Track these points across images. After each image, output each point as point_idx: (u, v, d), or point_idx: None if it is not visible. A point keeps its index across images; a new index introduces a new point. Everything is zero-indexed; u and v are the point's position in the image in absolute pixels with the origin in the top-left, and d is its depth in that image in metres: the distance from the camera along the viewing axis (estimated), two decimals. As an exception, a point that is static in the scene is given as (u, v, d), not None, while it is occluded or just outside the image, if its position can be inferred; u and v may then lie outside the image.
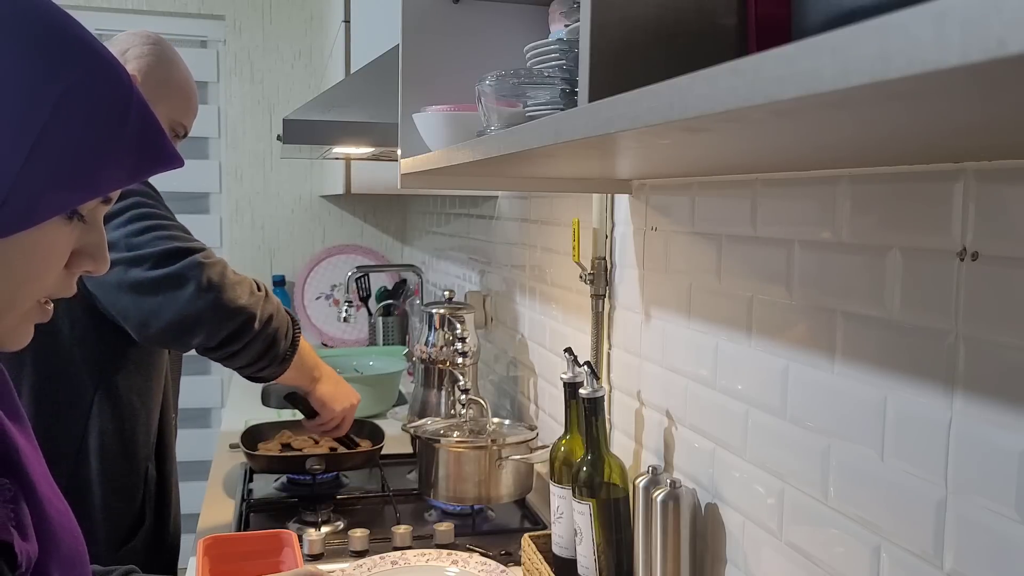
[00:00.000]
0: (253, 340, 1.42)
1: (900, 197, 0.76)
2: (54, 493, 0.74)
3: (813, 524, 0.90)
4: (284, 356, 1.49)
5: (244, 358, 1.44)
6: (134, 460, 1.53)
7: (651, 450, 1.29)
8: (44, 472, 0.74)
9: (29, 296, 0.66)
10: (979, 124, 0.45)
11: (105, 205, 0.68)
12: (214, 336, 1.39)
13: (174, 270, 1.35)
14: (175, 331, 1.37)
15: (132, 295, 1.36)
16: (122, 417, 1.50)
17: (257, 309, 1.42)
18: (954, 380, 0.70)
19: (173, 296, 1.35)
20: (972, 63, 0.25)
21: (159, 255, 1.35)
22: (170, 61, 1.57)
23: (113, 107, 0.63)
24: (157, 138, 0.66)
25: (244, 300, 1.40)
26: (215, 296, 1.36)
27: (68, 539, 0.73)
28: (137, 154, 0.65)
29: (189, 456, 3.40)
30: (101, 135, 0.62)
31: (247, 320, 1.40)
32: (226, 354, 1.43)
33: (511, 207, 2.02)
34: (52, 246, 0.65)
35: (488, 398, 1.95)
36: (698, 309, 1.13)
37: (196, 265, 1.36)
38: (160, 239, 1.37)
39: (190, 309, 1.35)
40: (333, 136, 1.83)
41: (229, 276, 1.40)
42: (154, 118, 0.65)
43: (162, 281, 1.35)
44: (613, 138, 0.58)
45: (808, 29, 0.49)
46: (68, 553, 0.72)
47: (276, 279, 3.56)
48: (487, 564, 1.38)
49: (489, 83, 0.92)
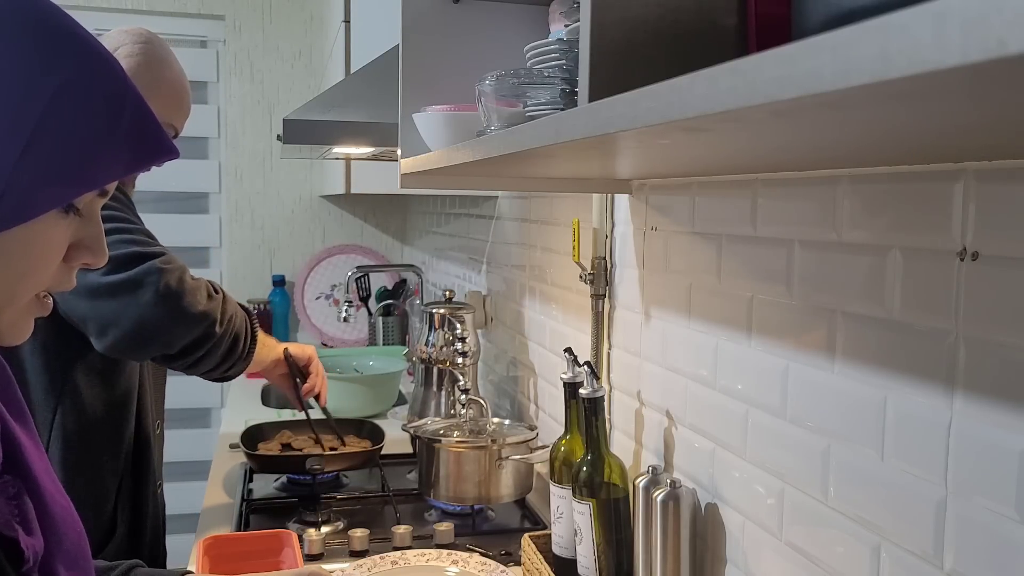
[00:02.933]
0: (216, 345, 1.41)
1: (900, 197, 0.76)
2: (57, 489, 0.74)
3: (813, 524, 0.90)
4: (247, 352, 1.50)
5: (208, 363, 1.43)
6: (100, 471, 1.50)
7: (651, 450, 1.29)
8: (47, 468, 0.75)
9: (28, 290, 0.66)
10: (979, 124, 0.45)
11: (102, 198, 0.69)
12: (175, 343, 1.37)
13: (132, 275, 1.33)
14: (133, 338, 1.34)
15: (89, 299, 1.34)
16: (86, 428, 1.47)
17: (217, 313, 1.40)
18: (954, 380, 0.70)
19: (130, 301, 1.32)
20: (972, 63, 0.25)
21: (118, 259, 1.32)
22: (161, 60, 1.53)
23: (108, 101, 0.63)
24: (153, 131, 0.66)
25: (203, 305, 1.38)
26: (174, 303, 1.34)
27: (71, 534, 0.73)
28: (134, 147, 0.65)
29: (189, 456, 3.40)
30: (97, 129, 0.62)
31: (209, 326, 1.38)
32: (189, 361, 1.41)
33: (511, 207, 2.03)
34: (49, 240, 0.65)
35: (488, 398, 1.95)
36: (698, 309, 1.13)
37: (155, 270, 1.33)
38: (120, 243, 1.34)
39: (148, 315, 1.33)
40: (333, 136, 1.82)
41: (188, 282, 1.37)
42: (149, 111, 0.66)
43: (119, 286, 1.32)
44: (613, 138, 0.58)
45: (808, 29, 0.49)
46: (72, 548, 0.72)
47: (276, 279, 3.56)
48: (487, 564, 1.38)
49: (489, 83, 0.92)
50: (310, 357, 1.74)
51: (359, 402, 2.35)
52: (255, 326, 1.54)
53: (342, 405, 2.34)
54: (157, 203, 3.49)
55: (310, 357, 1.74)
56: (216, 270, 3.66)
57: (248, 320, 1.52)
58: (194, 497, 2.52)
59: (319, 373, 1.75)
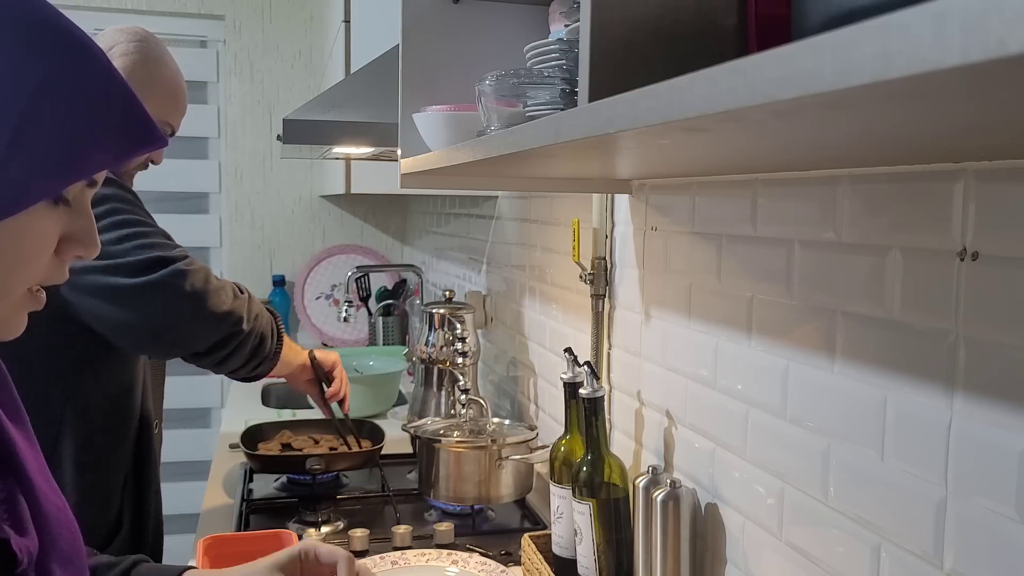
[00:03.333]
0: (243, 343, 1.43)
1: (900, 197, 0.76)
2: (51, 489, 0.74)
3: (813, 524, 0.90)
4: (274, 352, 1.51)
5: (236, 361, 1.45)
6: (107, 470, 1.51)
7: (651, 450, 1.29)
8: (42, 468, 0.75)
9: (20, 284, 0.66)
10: (979, 124, 0.45)
11: (91, 188, 0.69)
12: (203, 342, 1.38)
13: (157, 278, 1.33)
14: (158, 339, 1.36)
15: (111, 304, 1.34)
16: (93, 427, 1.48)
17: (243, 311, 1.42)
18: (954, 380, 0.70)
19: (157, 304, 1.33)
20: (972, 63, 0.25)
21: (139, 264, 1.33)
22: (157, 58, 1.53)
23: (96, 91, 0.63)
24: (141, 119, 0.66)
25: (229, 305, 1.40)
26: (200, 303, 1.35)
27: (66, 534, 0.73)
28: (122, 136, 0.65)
29: (189, 456, 3.40)
30: (85, 119, 0.62)
31: (235, 323, 1.40)
32: (217, 359, 1.43)
33: (511, 207, 2.03)
34: (40, 232, 0.65)
35: (488, 398, 1.95)
36: (698, 309, 1.13)
37: (179, 273, 1.34)
38: (141, 248, 1.35)
39: (174, 317, 1.34)
40: (333, 136, 1.83)
41: (212, 282, 1.39)
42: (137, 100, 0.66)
43: (145, 289, 1.33)
44: (613, 138, 0.58)
45: (808, 29, 0.49)
46: (66, 547, 0.72)
47: (276, 279, 3.56)
48: (487, 564, 1.38)
49: (489, 83, 0.92)
50: (335, 363, 1.76)
51: (359, 402, 2.35)
52: (281, 327, 1.56)
53: (342, 405, 2.34)
54: (157, 203, 3.48)
55: (335, 363, 1.76)
56: (216, 270, 3.65)
57: (274, 321, 1.54)
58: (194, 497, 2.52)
59: (343, 379, 1.77)
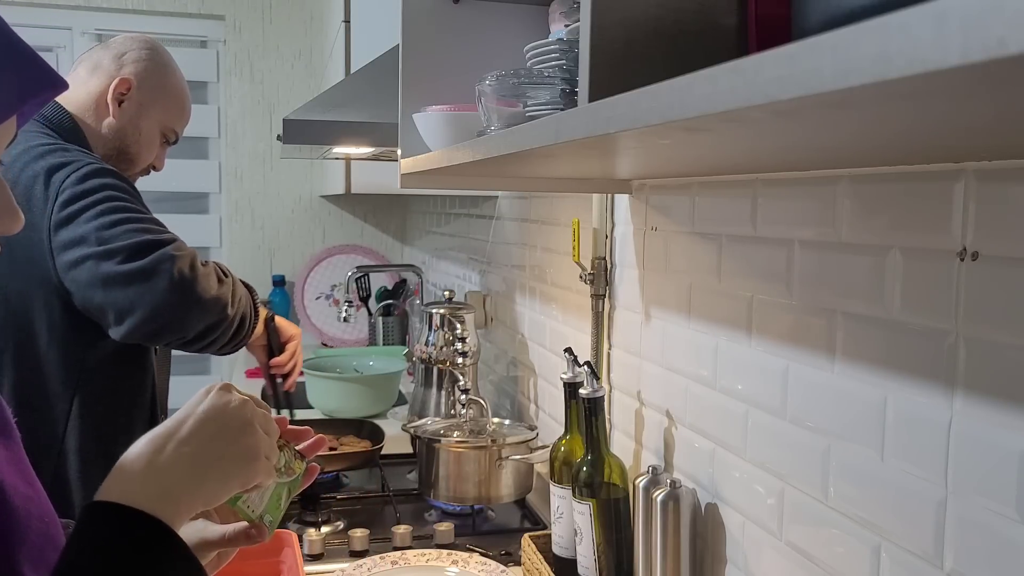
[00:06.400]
0: (227, 327, 1.44)
1: (900, 197, 0.76)
2: (21, 479, 0.72)
3: (813, 524, 0.90)
4: (251, 329, 1.54)
5: (219, 343, 1.47)
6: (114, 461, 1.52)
7: (651, 450, 1.29)
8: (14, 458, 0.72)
9: None
10: (979, 124, 0.45)
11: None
12: (191, 328, 1.39)
13: (146, 263, 1.34)
14: (150, 325, 1.36)
15: (104, 289, 1.35)
16: (102, 418, 1.49)
17: (228, 296, 1.43)
18: (954, 380, 0.70)
19: (146, 289, 1.34)
20: (972, 63, 0.25)
21: (131, 248, 1.34)
22: (166, 66, 1.60)
23: None
24: (31, 57, 0.64)
25: (215, 290, 1.40)
26: (188, 288, 1.36)
27: (36, 524, 0.71)
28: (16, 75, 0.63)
29: (189, 456, 3.39)
30: None
31: (221, 310, 1.41)
32: (202, 345, 1.44)
33: (511, 207, 2.02)
34: None
35: (488, 398, 1.95)
36: (698, 309, 1.13)
37: (167, 257, 1.35)
38: (131, 232, 1.36)
39: (164, 302, 1.35)
40: (333, 136, 1.83)
41: (199, 267, 1.40)
42: (21, 41, 0.64)
43: (134, 274, 1.34)
44: (613, 138, 0.58)
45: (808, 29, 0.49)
46: (37, 540, 0.70)
47: (276, 279, 3.56)
48: (487, 564, 1.38)
49: (489, 83, 0.92)
50: (292, 336, 1.76)
51: (359, 402, 2.35)
52: (257, 301, 1.58)
53: (342, 405, 2.34)
54: (157, 203, 3.46)
55: (292, 336, 1.76)
56: (216, 270, 3.65)
57: (250, 296, 1.56)
58: (194, 497, 2.52)
59: (296, 356, 1.77)
